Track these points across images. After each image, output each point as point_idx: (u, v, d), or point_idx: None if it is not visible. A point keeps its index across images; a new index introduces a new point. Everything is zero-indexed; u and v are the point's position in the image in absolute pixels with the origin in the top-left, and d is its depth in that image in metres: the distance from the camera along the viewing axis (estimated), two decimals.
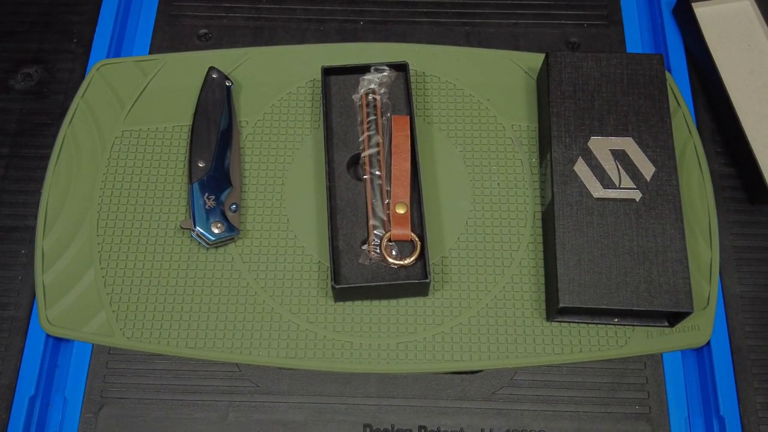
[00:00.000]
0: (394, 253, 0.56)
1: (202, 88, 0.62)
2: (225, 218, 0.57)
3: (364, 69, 0.62)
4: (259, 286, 0.56)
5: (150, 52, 0.66)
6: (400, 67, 0.63)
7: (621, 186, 0.55)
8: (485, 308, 0.56)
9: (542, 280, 0.57)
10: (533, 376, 0.54)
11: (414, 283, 0.54)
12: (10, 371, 0.54)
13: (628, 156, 0.56)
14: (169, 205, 0.59)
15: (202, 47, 0.67)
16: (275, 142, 0.62)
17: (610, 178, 0.56)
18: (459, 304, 0.56)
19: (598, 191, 0.55)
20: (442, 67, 0.65)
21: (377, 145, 0.59)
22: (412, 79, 0.64)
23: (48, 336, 0.55)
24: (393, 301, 0.56)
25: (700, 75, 0.65)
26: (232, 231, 0.57)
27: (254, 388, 0.54)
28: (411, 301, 0.56)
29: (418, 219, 0.57)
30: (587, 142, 0.57)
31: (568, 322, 0.55)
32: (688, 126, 0.62)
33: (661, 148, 0.56)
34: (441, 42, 0.67)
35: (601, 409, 0.53)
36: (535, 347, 0.55)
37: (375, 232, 0.56)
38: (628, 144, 0.57)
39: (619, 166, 0.56)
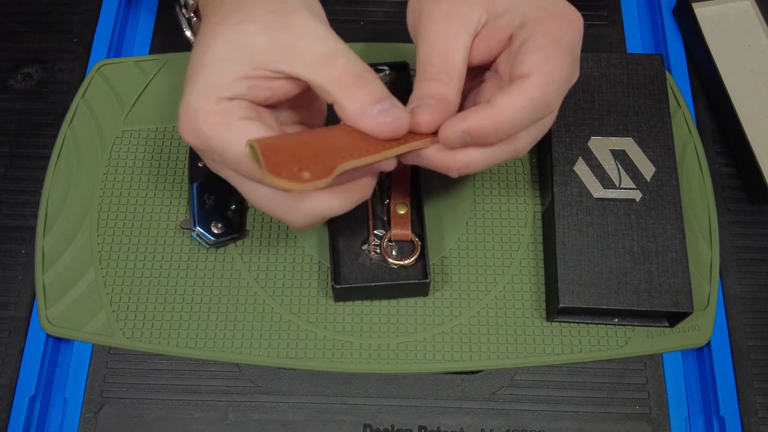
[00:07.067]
0: (394, 253, 0.56)
1: None
2: (225, 218, 0.57)
3: None
4: (259, 286, 0.56)
5: (150, 52, 0.66)
6: (400, 67, 0.63)
7: (621, 186, 0.55)
8: (485, 308, 0.56)
9: (542, 280, 0.57)
10: (533, 376, 0.54)
11: (414, 283, 0.54)
12: (10, 371, 0.54)
13: (628, 156, 0.56)
14: (169, 205, 0.59)
15: None
16: None
17: (610, 178, 0.56)
18: (459, 304, 0.56)
19: (598, 191, 0.55)
20: None
21: None
22: (413, 79, 0.64)
23: (48, 336, 0.55)
24: (393, 301, 0.56)
25: (700, 75, 0.65)
26: (232, 231, 0.56)
27: (254, 388, 0.54)
28: (411, 301, 0.56)
29: (418, 219, 0.57)
30: (587, 142, 0.57)
31: (568, 322, 0.55)
32: (688, 126, 0.62)
33: (661, 148, 0.56)
34: None
35: (601, 409, 0.53)
36: (535, 347, 0.55)
37: (375, 232, 0.56)
38: (628, 144, 0.57)
39: (619, 166, 0.56)
